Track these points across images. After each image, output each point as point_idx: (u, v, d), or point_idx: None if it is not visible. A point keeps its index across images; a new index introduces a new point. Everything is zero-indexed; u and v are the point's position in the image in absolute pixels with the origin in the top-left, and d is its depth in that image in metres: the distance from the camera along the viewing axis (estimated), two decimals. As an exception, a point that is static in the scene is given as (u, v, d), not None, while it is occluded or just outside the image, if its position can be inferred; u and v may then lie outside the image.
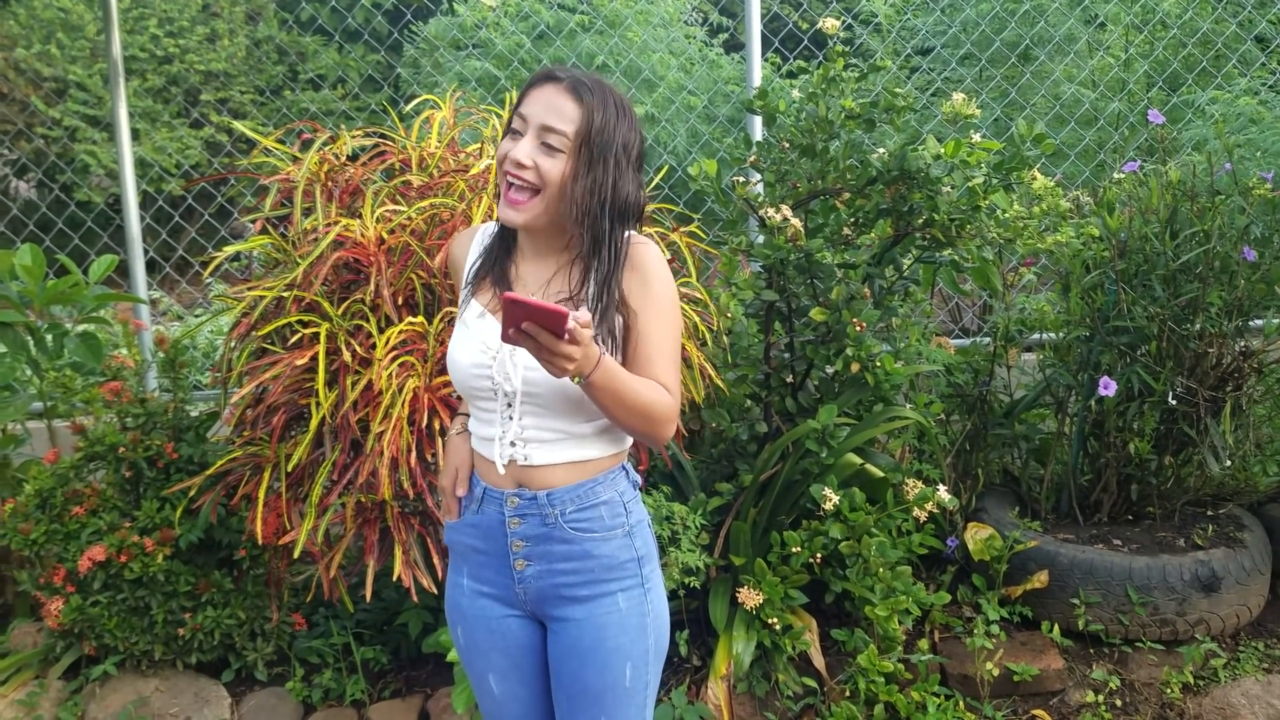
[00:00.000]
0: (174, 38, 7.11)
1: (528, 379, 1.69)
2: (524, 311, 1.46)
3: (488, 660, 1.87)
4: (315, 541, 2.64)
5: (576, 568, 1.78)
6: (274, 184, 2.84)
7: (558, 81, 1.67)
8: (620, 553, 1.80)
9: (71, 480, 3.14)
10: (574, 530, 1.77)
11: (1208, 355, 3.22)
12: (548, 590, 1.79)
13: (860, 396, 3.15)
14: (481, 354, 1.72)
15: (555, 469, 1.75)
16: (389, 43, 6.56)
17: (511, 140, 1.68)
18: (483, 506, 1.81)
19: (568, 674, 1.81)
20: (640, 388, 1.66)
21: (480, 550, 1.83)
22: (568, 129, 1.65)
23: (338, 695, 3.08)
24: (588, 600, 1.79)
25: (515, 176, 1.66)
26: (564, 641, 1.81)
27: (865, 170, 3.03)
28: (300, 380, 2.62)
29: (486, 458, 1.78)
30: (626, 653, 1.81)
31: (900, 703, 2.90)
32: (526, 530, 1.77)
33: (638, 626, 1.82)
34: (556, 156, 1.66)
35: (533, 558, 1.79)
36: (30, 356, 3.25)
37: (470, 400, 1.79)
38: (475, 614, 1.85)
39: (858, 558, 2.98)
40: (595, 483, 1.78)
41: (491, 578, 1.83)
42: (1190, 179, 3.23)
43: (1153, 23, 5.21)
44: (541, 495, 1.76)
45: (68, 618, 2.99)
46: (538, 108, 1.66)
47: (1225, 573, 3.12)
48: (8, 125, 6.85)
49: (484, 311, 1.75)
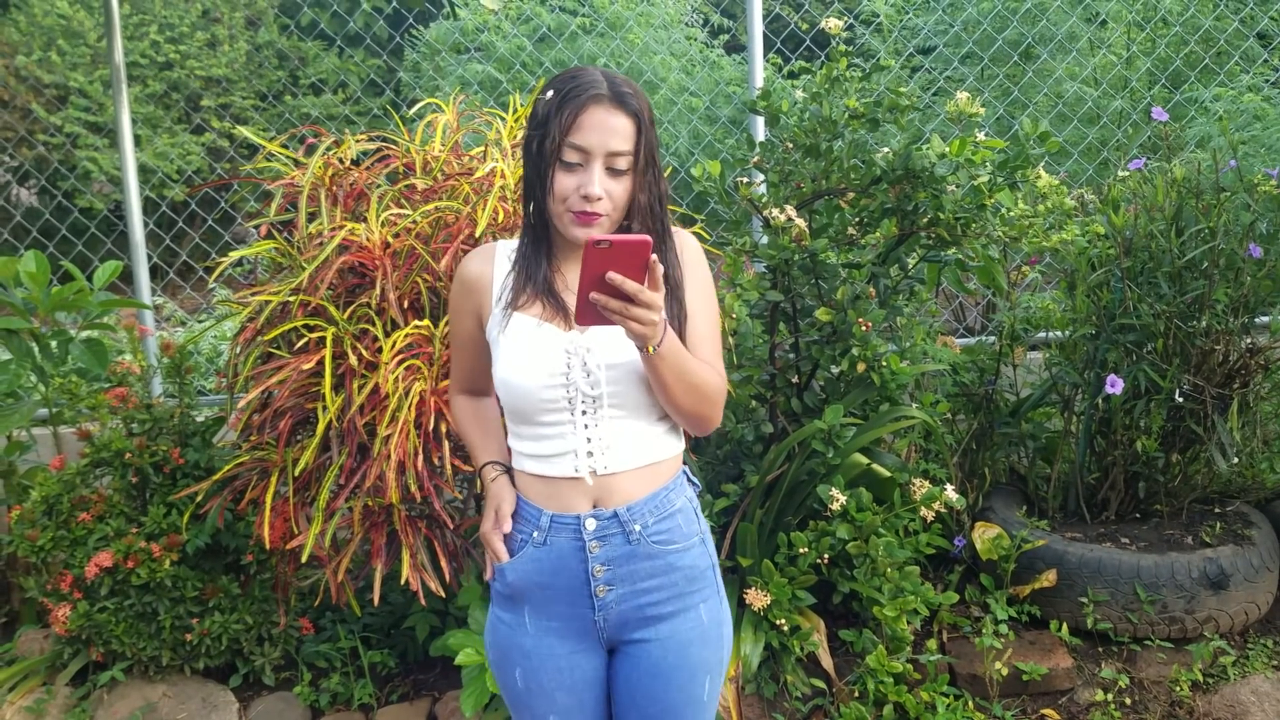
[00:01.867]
0: (174, 44, 7.12)
1: (610, 376, 1.65)
2: (607, 254, 1.44)
3: (551, 701, 1.76)
4: (322, 546, 2.64)
5: (660, 584, 1.72)
6: (279, 189, 2.83)
7: (603, 99, 1.61)
8: (699, 561, 1.76)
9: (78, 486, 3.14)
10: (656, 545, 1.71)
11: (1214, 352, 3.22)
12: (630, 614, 1.72)
13: (866, 396, 3.14)
14: (554, 362, 1.65)
15: (631, 477, 1.69)
16: (390, 47, 6.57)
17: (569, 174, 1.62)
18: (549, 537, 1.70)
19: (645, 695, 1.74)
20: (697, 364, 1.64)
21: (549, 585, 1.72)
22: (628, 147, 1.62)
23: (345, 699, 3.08)
24: (671, 617, 1.74)
25: (592, 212, 1.62)
26: (644, 664, 1.74)
27: (870, 170, 3.03)
28: (306, 384, 2.61)
29: (555, 477, 1.70)
30: (708, 666, 1.77)
31: (909, 703, 2.89)
32: (609, 553, 1.70)
33: (717, 638, 1.78)
34: (622, 178, 1.64)
35: (615, 581, 1.71)
36: (35, 363, 3.25)
37: (530, 420, 1.69)
38: (541, 652, 1.75)
39: (865, 558, 2.97)
40: (668, 490, 1.73)
41: (562, 611, 1.73)
42: (1195, 176, 3.23)
43: (1154, 20, 5.21)
44: (622, 511, 1.69)
45: (75, 624, 2.98)
46: (594, 136, 1.60)
47: (1234, 570, 3.11)
48: (9, 132, 6.85)
49: (540, 322, 1.68)
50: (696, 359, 1.66)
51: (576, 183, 1.61)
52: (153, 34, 7.05)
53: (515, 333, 1.68)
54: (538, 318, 1.69)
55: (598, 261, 1.45)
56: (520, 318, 1.69)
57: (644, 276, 1.47)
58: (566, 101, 1.61)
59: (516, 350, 1.67)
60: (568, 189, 1.62)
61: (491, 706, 2.74)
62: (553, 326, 1.68)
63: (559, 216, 1.65)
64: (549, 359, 1.65)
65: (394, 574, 2.67)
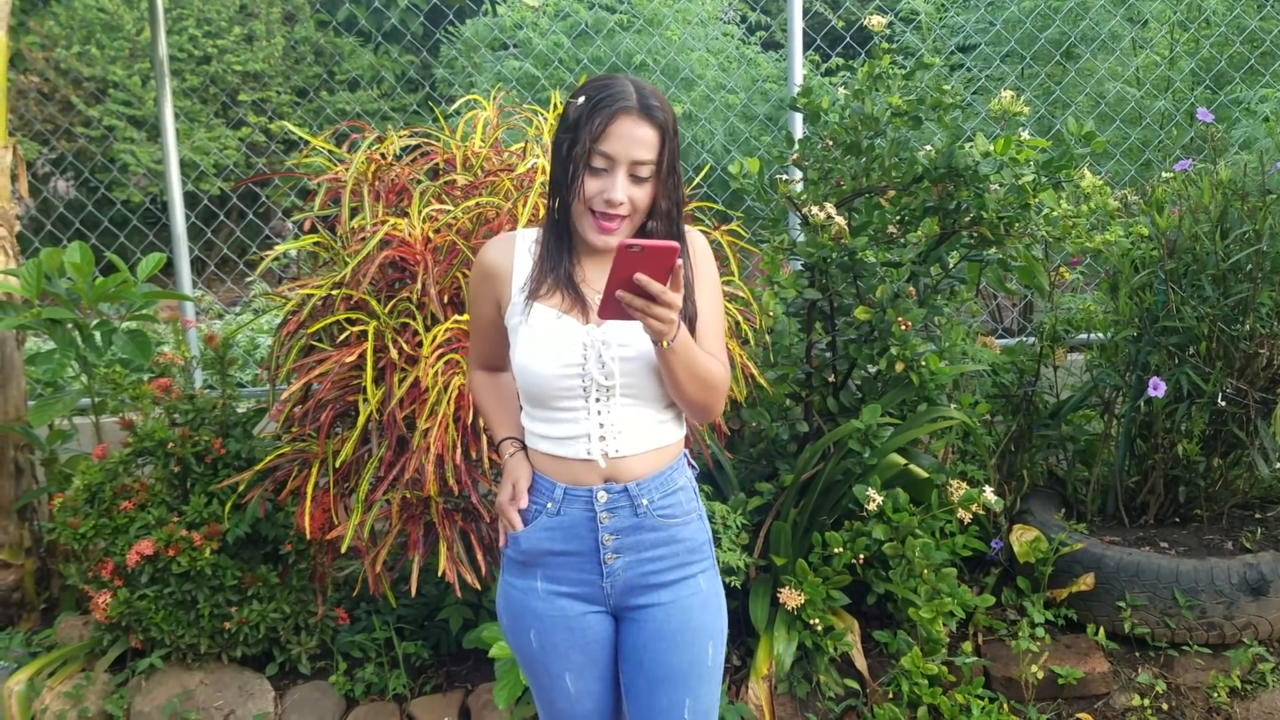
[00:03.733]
0: (212, 38, 7.19)
1: (624, 368, 1.75)
2: (638, 257, 1.54)
3: (565, 659, 1.88)
4: (361, 537, 2.66)
5: (664, 554, 1.84)
6: (322, 183, 2.85)
7: (631, 110, 1.69)
8: (698, 535, 1.89)
9: (120, 475, 3.17)
10: (660, 517, 1.83)
11: (1258, 356, 3.18)
12: (635, 581, 1.84)
13: (903, 396, 3.12)
14: (571, 352, 1.75)
15: (640, 459, 1.81)
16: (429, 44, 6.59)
17: (595, 178, 1.71)
18: (563, 508, 1.82)
19: (652, 657, 1.85)
20: (705, 357, 1.76)
21: (560, 552, 1.84)
22: (652, 156, 1.71)
23: (379, 689, 3.10)
24: (673, 584, 1.85)
25: (612, 215, 1.72)
26: (649, 627, 1.85)
27: (911, 168, 3.01)
28: (348, 377, 2.63)
29: (568, 458, 1.81)
30: (709, 631, 1.88)
31: (944, 705, 2.88)
32: (618, 523, 1.82)
33: (716, 606, 1.90)
34: (644, 185, 1.73)
35: (623, 550, 1.83)
36: (79, 353, 3.29)
37: (546, 405, 1.80)
38: (552, 615, 1.86)
39: (901, 559, 2.96)
40: (672, 469, 1.85)
41: (573, 577, 1.85)
42: (1241, 178, 3.19)
43: (1198, 20, 5.14)
44: (631, 486, 1.81)
45: (115, 611, 3.02)
46: (621, 145, 1.69)
47: (1274, 576, 3.07)
48: (50, 124, 6.94)
49: (560, 314, 1.77)
50: (704, 352, 1.77)
51: (601, 187, 1.71)
52: (191, 28, 7.12)
53: (536, 322, 1.77)
54: (558, 309, 1.78)
55: (627, 263, 1.56)
56: (541, 308, 1.78)
57: (668, 279, 1.58)
58: (597, 110, 1.70)
59: (536, 340, 1.77)
60: (592, 192, 1.72)
61: (524, 699, 2.75)
62: (572, 318, 1.77)
63: (581, 217, 1.75)
64: (567, 349, 1.75)
65: (430, 566, 2.69)
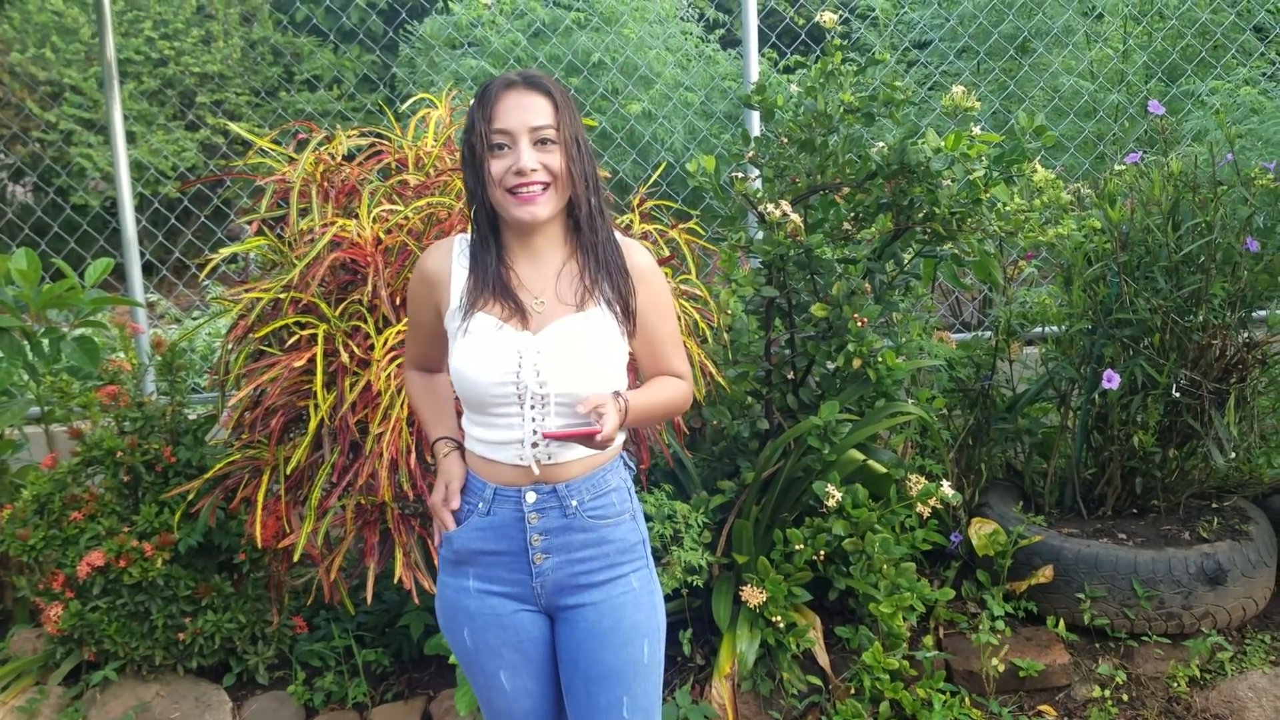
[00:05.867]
0: (169, 40, 7.09)
1: (558, 380, 1.76)
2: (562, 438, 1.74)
3: (499, 657, 1.89)
4: (315, 544, 2.62)
5: (594, 554, 1.85)
6: (270, 185, 2.81)
7: (514, 84, 1.74)
8: (630, 535, 1.89)
9: (69, 485, 3.12)
10: (590, 518, 1.84)
11: (1211, 347, 3.20)
12: (565, 580, 1.85)
13: (862, 392, 3.13)
14: (507, 361, 1.76)
15: (574, 463, 1.82)
16: (384, 42, 6.54)
17: (498, 157, 1.73)
18: (493, 508, 1.83)
19: (586, 657, 1.86)
20: (662, 396, 1.87)
21: (491, 551, 1.85)
22: (550, 122, 1.73)
23: (340, 698, 3.07)
24: (604, 584, 1.86)
25: (527, 183, 1.72)
26: (581, 626, 1.86)
27: (865, 164, 3.01)
28: (298, 382, 2.60)
29: (499, 461, 1.82)
30: (643, 630, 1.89)
31: (906, 700, 2.88)
32: (546, 524, 1.82)
33: (650, 605, 1.91)
34: (552, 150, 1.74)
35: (552, 550, 1.83)
36: (27, 361, 3.23)
37: (481, 409, 1.81)
38: (484, 613, 1.87)
39: (861, 554, 2.96)
40: (605, 471, 1.86)
41: (503, 576, 1.85)
42: (1192, 170, 3.21)
43: (1151, 14, 5.19)
44: (561, 487, 1.82)
45: (67, 623, 2.97)
46: (514, 115, 1.72)
47: (1231, 565, 3.10)
48: (3, 129, 6.82)
49: (501, 324, 1.78)
50: (661, 382, 1.88)
51: (508, 163, 1.72)
52: (147, 30, 7.02)
53: (475, 330, 1.78)
54: (498, 318, 1.78)
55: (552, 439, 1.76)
56: (482, 317, 1.79)
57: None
58: (484, 97, 1.74)
59: (469, 347, 1.78)
60: (500, 170, 1.73)
61: (486, 705, 2.73)
62: (511, 326, 1.78)
63: (502, 204, 1.75)
64: (503, 358, 1.76)
65: (387, 572, 2.66)
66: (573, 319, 1.78)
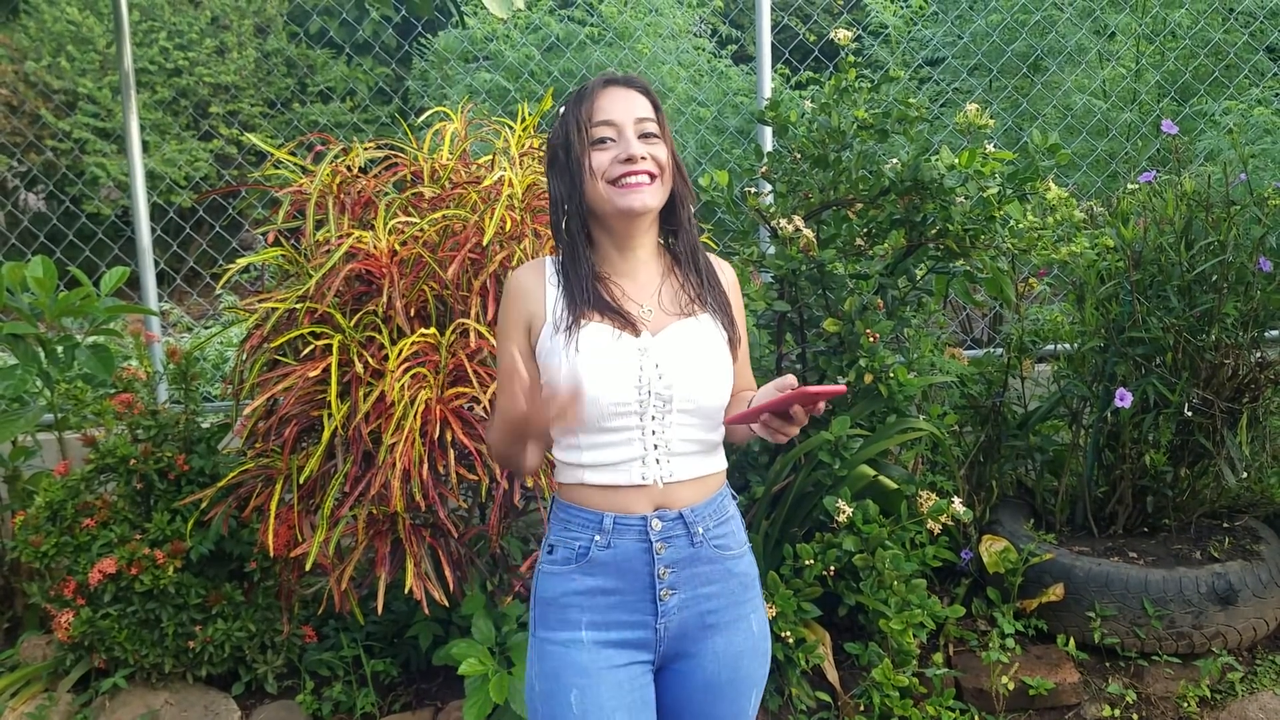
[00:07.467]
0: (183, 50, 7.14)
1: (681, 379, 1.65)
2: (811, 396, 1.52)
3: None
4: (326, 554, 2.63)
5: (719, 590, 1.70)
6: (286, 196, 2.83)
7: (614, 82, 1.69)
8: (750, 569, 1.76)
9: (82, 492, 3.13)
10: (715, 548, 1.70)
11: (1224, 366, 3.20)
12: (690, 620, 1.69)
13: (873, 408, 3.13)
14: (629, 368, 1.63)
15: (691, 486, 1.68)
16: (399, 56, 6.58)
17: (601, 149, 1.65)
18: (613, 539, 1.65)
19: (694, 709, 1.73)
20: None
21: (610, 590, 1.67)
22: (654, 116, 1.69)
23: (348, 708, 3.06)
24: (728, 626, 1.71)
25: (636, 171, 1.64)
26: (698, 678, 1.71)
27: (878, 180, 3.02)
28: (312, 392, 2.61)
29: (616, 485, 1.66)
30: (755, 680, 1.77)
31: (915, 717, 2.87)
32: (673, 554, 1.66)
33: (764, 651, 1.78)
34: (656, 143, 1.68)
35: (679, 585, 1.67)
36: (41, 368, 3.25)
37: (596, 427, 1.65)
38: (600, 668, 1.65)
39: (871, 570, 2.96)
40: (721, 496, 1.74)
41: (622, 619, 1.67)
42: (1205, 189, 3.22)
43: (1164, 33, 5.20)
44: (686, 512, 1.67)
45: (78, 630, 2.97)
46: (619, 108, 1.66)
47: (1242, 585, 3.09)
48: (18, 138, 6.87)
49: (619, 333, 1.65)
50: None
51: (613, 154, 1.65)
52: (162, 40, 7.07)
53: (589, 341, 1.64)
54: (615, 327, 1.66)
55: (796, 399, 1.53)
56: (594, 328, 1.65)
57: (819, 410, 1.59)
58: (582, 97, 1.68)
59: (590, 357, 1.63)
60: (604, 162, 1.65)
61: (494, 717, 2.73)
62: (630, 336, 1.66)
63: (606, 197, 1.65)
64: (624, 364, 1.64)
65: (398, 583, 2.66)
66: (687, 323, 1.69)
